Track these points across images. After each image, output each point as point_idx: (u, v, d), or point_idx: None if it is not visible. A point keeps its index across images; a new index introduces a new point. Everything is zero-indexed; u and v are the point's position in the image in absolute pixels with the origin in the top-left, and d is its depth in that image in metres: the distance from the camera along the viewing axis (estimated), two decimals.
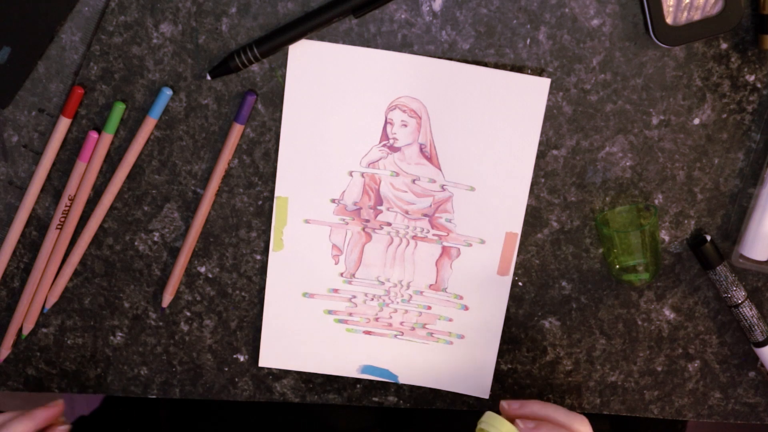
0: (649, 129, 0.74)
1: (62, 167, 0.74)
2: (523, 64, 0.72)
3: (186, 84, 0.72)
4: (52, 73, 0.71)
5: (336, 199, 0.75)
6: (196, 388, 0.82)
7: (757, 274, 0.78)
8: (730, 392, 0.83)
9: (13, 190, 0.75)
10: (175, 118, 0.73)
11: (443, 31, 0.71)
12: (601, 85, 0.72)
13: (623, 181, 0.75)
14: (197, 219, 0.75)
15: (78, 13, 0.70)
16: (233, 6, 0.70)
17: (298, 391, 0.83)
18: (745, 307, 0.77)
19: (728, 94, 0.73)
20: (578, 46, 0.71)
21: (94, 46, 0.71)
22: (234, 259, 0.77)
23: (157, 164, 0.74)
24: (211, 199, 0.74)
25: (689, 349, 0.81)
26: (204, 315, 0.79)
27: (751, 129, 0.74)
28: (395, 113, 0.73)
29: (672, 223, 0.77)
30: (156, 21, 0.70)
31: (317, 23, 0.69)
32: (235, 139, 0.72)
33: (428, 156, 0.74)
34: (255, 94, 0.71)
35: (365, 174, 0.75)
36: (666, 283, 0.79)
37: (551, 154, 0.74)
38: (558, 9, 0.70)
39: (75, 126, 0.73)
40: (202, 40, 0.71)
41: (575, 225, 0.76)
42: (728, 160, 0.75)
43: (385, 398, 0.83)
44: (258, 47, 0.69)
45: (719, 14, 0.69)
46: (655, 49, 0.72)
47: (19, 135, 0.73)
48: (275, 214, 0.76)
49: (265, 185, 0.75)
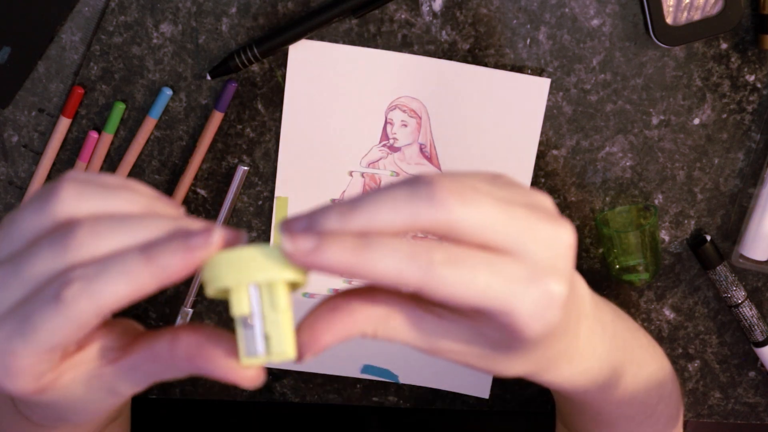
0: (649, 129, 0.74)
1: (62, 167, 0.74)
2: (523, 64, 0.72)
3: (186, 84, 0.72)
4: (52, 73, 0.71)
5: (336, 199, 0.75)
6: (196, 388, 0.82)
7: (757, 274, 0.78)
8: (730, 392, 0.83)
9: (13, 190, 0.75)
10: (175, 118, 0.73)
11: (443, 31, 0.71)
12: (601, 85, 0.72)
13: (623, 181, 0.75)
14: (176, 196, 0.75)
15: (78, 13, 0.70)
16: (233, 6, 0.70)
17: (298, 391, 0.83)
18: (745, 307, 0.78)
19: (728, 94, 0.73)
20: (578, 46, 0.71)
21: (94, 46, 0.71)
22: None
23: (157, 164, 0.74)
24: (187, 186, 0.74)
25: (689, 349, 0.81)
26: (204, 315, 0.79)
27: (751, 129, 0.74)
28: (395, 113, 0.73)
29: (672, 223, 0.77)
30: (156, 21, 0.70)
31: (317, 23, 0.69)
32: (213, 126, 0.72)
33: (428, 156, 0.74)
34: (236, 83, 0.71)
35: (365, 174, 0.75)
36: (666, 283, 0.79)
37: (551, 154, 0.74)
38: (558, 9, 0.70)
39: (75, 126, 0.73)
40: (202, 40, 0.71)
41: (575, 225, 0.76)
42: (728, 160, 0.75)
43: (385, 398, 0.83)
44: (258, 47, 0.69)
45: (719, 14, 0.69)
46: (655, 49, 0.72)
47: (19, 135, 0.73)
48: (275, 214, 0.76)
49: (265, 185, 0.75)
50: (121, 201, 0.39)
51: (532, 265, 0.38)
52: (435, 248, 0.37)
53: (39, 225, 0.38)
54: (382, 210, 0.37)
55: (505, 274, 0.38)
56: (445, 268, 0.37)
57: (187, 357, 0.40)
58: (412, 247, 0.37)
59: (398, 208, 0.37)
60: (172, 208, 0.40)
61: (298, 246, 0.37)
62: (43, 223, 0.38)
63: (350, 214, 0.37)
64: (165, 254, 0.37)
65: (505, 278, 0.37)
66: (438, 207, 0.37)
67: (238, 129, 0.73)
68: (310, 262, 0.37)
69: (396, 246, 0.37)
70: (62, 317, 0.36)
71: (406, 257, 0.37)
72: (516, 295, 0.38)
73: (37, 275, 0.37)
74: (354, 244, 0.37)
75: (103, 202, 0.38)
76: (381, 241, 0.37)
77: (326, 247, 0.37)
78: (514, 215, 0.38)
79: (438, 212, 0.37)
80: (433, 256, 0.37)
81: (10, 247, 0.39)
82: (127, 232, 0.37)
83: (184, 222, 0.38)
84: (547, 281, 0.38)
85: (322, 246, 0.37)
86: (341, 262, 0.37)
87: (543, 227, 0.39)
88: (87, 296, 0.36)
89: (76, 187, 0.38)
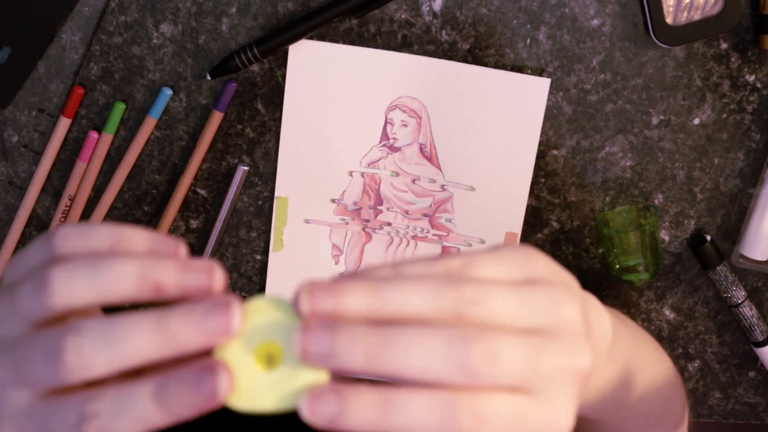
0: (649, 129, 0.74)
1: (62, 167, 0.74)
2: (523, 64, 0.72)
3: (186, 84, 0.72)
4: (52, 73, 0.71)
5: (336, 199, 0.75)
6: None
7: (757, 274, 0.78)
8: (730, 392, 0.83)
9: (13, 190, 0.75)
10: (175, 118, 0.73)
11: (443, 31, 0.71)
12: (601, 85, 0.72)
13: (623, 181, 0.75)
14: (176, 196, 0.75)
15: (78, 13, 0.70)
16: (233, 6, 0.70)
17: None
18: (745, 307, 0.77)
19: (728, 94, 0.73)
20: (578, 46, 0.71)
21: (94, 46, 0.71)
22: (234, 259, 0.77)
23: (157, 164, 0.74)
24: (187, 186, 0.74)
25: (689, 348, 0.81)
26: None
27: (751, 129, 0.74)
28: (395, 113, 0.73)
29: (672, 223, 0.77)
30: (156, 21, 0.70)
31: (317, 23, 0.69)
32: (213, 126, 0.72)
33: (428, 156, 0.74)
34: (236, 83, 0.71)
35: (365, 174, 0.75)
36: (666, 283, 0.79)
37: (551, 154, 0.74)
38: (558, 9, 0.70)
39: (75, 126, 0.73)
40: (202, 40, 0.71)
41: (575, 225, 0.76)
42: (728, 160, 0.75)
43: None
44: (258, 47, 0.69)
45: (719, 14, 0.69)
46: (655, 49, 0.72)
47: (19, 135, 0.73)
48: (275, 214, 0.76)
49: (265, 185, 0.75)
50: (109, 278, 0.39)
51: (548, 404, 0.39)
52: (460, 410, 0.37)
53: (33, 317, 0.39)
54: (414, 362, 0.37)
55: (526, 419, 0.39)
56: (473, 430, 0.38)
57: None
58: (440, 411, 0.37)
59: (431, 365, 0.37)
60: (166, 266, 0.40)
61: (320, 413, 0.36)
62: (38, 313, 0.39)
63: (378, 357, 0.37)
64: (178, 403, 0.37)
65: (525, 425, 0.39)
66: (472, 377, 0.37)
67: (238, 129, 0.73)
68: (331, 427, 0.37)
69: (422, 411, 0.37)
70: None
71: (434, 424, 0.37)
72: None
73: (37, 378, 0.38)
74: (379, 408, 0.37)
75: (92, 287, 0.39)
76: (406, 406, 0.37)
77: (349, 415, 0.37)
78: (540, 360, 0.39)
79: (471, 381, 0.38)
80: (462, 420, 0.37)
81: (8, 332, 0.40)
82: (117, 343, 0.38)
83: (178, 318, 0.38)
84: (559, 420, 0.40)
85: (345, 414, 0.37)
86: (365, 426, 0.37)
87: (565, 363, 0.40)
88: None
89: (65, 274, 0.39)
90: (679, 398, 0.65)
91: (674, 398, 0.64)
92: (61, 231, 0.41)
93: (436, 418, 0.37)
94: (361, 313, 0.38)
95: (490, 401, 0.38)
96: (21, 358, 0.39)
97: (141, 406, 0.38)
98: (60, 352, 0.38)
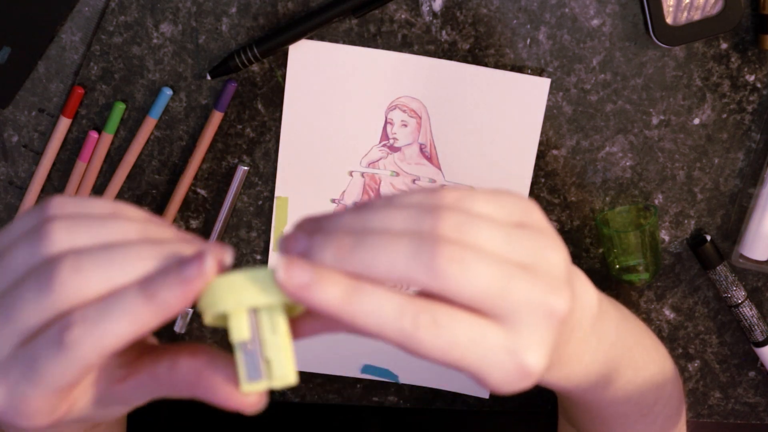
0: (649, 129, 0.74)
1: (62, 167, 0.74)
2: (523, 64, 0.72)
3: (186, 84, 0.72)
4: (52, 73, 0.71)
5: (336, 199, 0.75)
6: None
7: (757, 274, 0.78)
8: (730, 392, 0.83)
9: (13, 190, 0.75)
10: (175, 118, 0.73)
11: (443, 31, 0.71)
12: (601, 85, 0.72)
13: (623, 181, 0.75)
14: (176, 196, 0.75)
15: (78, 13, 0.70)
16: (233, 6, 0.70)
17: (298, 391, 0.83)
18: (745, 307, 0.78)
19: (728, 94, 0.73)
20: (578, 46, 0.71)
21: (94, 46, 0.71)
22: (234, 259, 0.77)
23: (157, 164, 0.74)
24: (187, 186, 0.74)
25: (689, 348, 0.81)
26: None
27: (751, 129, 0.74)
28: (395, 113, 0.73)
29: (672, 223, 0.77)
30: (156, 21, 0.70)
31: (317, 23, 0.69)
32: (213, 126, 0.72)
33: (428, 156, 0.74)
34: (236, 83, 0.72)
35: (365, 174, 0.75)
36: (666, 283, 0.79)
37: (551, 154, 0.74)
38: (558, 9, 0.70)
39: (75, 126, 0.73)
40: (202, 40, 0.71)
41: (575, 225, 0.76)
42: (728, 160, 0.75)
43: (385, 398, 0.83)
44: (258, 47, 0.69)
45: (719, 14, 0.69)
46: (655, 49, 0.72)
47: (19, 135, 0.73)
48: (275, 214, 0.76)
49: (265, 185, 0.75)
50: (111, 231, 0.39)
51: (515, 335, 0.39)
52: (421, 310, 0.37)
53: (30, 266, 0.38)
54: (381, 260, 0.37)
55: (486, 342, 0.38)
56: (428, 332, 0.37)
57: (186, 384, 0.40)
58: (400, 306, 0.37)
59: (397, 264, 0.38)
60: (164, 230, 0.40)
61: (292, 279, 0.37)
62: (35, 264, 0.38)
63: (349, 254, 0.38)
64: (163, 289, 0.37)
65: (484, 346, 0.38)
66: (436, 278, 0.37)
67: (238, 129, 0.73)
68: (299, 296, 0.37)
69: (385, 302, 0.37)
70: (67, 361, 0.37)
71: (392, 316, 0.37)
72: (492, 364, 0.38)
73: (28, 319, 0.37)
74: (345, 290, 0.37)
75: (93, 236, 0.38)
76: (371, 294, 0.37)
77: (318, 287, 0.37)
78: (512, 285, 0.38)
79: (435, 282, 0.38)
80: (419, 319, 0.37)
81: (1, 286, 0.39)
82: (113, 265, 0.37)
83: (174, 247, 0.38)
84: (526, 355, 0.39)
85: (313, 285, 0.37)
86: (329, 305, 0.37)
87: (538, 297, 0.39)
88: (90, 339, 0.36)
89: (66, 225, 0.38)
90: (674, 390, 0.65)
91: (669, 388, 0.64)
92: (56, 199, 0.40)
93: (396, 311, 0.37)
94: (344, 229, 0.39)
95: (452, 311, 0.38)
96: (11, 300, 0.38)
97: (128, 300, 0.37)
98: (53, 274, 0.37)
